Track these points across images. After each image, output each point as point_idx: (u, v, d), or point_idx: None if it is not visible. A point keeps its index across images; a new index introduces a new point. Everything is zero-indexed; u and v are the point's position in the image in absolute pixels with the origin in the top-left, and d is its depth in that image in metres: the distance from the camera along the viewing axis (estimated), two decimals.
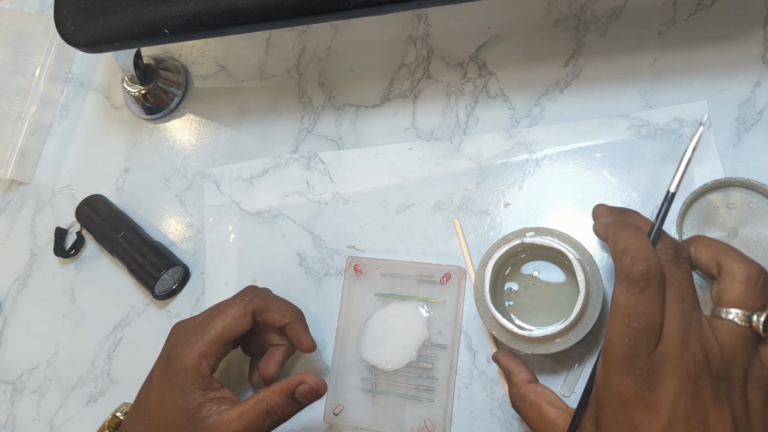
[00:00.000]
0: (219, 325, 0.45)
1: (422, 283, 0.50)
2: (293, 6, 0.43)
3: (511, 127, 0.52)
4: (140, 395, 0.47)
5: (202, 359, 0.44)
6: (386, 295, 0.51)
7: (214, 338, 0.45)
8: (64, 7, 0.48)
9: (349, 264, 0.52)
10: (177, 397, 0.44)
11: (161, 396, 0.45)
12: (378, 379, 0.49)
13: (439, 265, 0.50)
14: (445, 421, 0.48)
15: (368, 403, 0.49)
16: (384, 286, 0.51)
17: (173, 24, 0.45)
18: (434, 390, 0.48)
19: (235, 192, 0.58)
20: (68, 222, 0.62)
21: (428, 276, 0.50)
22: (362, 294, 0.51)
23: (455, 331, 0.49)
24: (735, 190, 0.46)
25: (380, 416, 0.49)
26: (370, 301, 0.51)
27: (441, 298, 0.49)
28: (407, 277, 0.50)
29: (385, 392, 0.49)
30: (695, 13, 0.50)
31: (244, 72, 0.60)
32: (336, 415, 0.49)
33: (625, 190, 0.49)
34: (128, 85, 0.59)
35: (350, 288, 0.51)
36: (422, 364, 0.49)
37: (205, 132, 0.61)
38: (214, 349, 0.45)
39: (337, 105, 0.57)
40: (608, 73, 0.51)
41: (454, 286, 0.49)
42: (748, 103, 0.48)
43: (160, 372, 0.46)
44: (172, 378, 0.44)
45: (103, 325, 0.59)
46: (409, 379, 0.49)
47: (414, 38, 0.56)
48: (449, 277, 0.49)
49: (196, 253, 0.58)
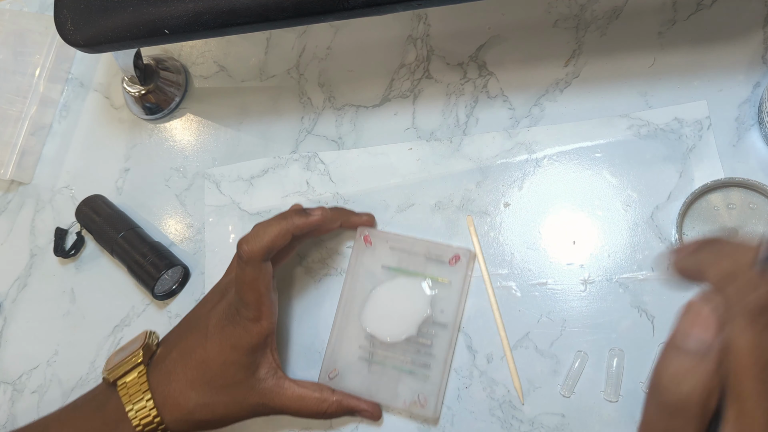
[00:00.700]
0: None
1: (430, 261, 0.50)
2: (293, 6, 0.43)
3: (511, 127, 0.52)
4: (200, 318, 0.48)
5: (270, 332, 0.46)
6: (393, 269, 0.51)
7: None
8: (64, 7, 0.48)
9: (359, 234, 0.52)
10: (237, 351, 0.45)
11: (221, 337, 0.46)
12: (376, 349, 0.50)
13: (450, 246, 0.50)
14: (438, 398, 0.48)
15: (364, 372, 0.50)
16: (392, 260, 0.51)
17: (173, 24, 0.45)
18: (430, 366, 0.48)
19: (235, 192, 0.58)
20: (68, 222, 0.62)
21: (437, 255, 0.50)
22: (370, 265, 0.51)
23: (458, 312, 0.49)
24: (735, 190, 0.46)
25: (374, 385, 0.49)
26: (377, 273, 0.51)
27: (447, 278, 0.49)
28: (416, 254, 0.50)
29: (381, 363, 0.49)
30: (695, 13, 0.50)
31: (244, 72, 0.60)
32: (331, 379, 0.50)
33: (625, 190, 0.49)
34: (128, 86, 0.59)
35: (358, 258, 0.52)
36: (421, 340, 0.49)
37: (205, 132, 0.61)
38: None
39: (337, 105, 0.57)
40: (608, 73, 0.51)
41: (462, 267, 0.49)
42: (748, 103, 0.48)
43: (224, 313, 0.46)
44: (234, 322, 0.45)
45: (103, 325, 0.59)
46: (407, 353, 0.49)
47: (414, 38, 0.56)
48: (458, 258, 0.49)
49: (196, 253, 0.58)
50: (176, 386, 0.46)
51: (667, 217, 0.48)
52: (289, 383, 0.47)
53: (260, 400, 0.46)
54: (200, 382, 0.46)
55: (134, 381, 0.46)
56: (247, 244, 0.44)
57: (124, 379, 0.47)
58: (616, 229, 0.49)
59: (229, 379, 0.45)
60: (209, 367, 0.45)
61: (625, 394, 0.46)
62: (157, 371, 0.47)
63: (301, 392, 0.47)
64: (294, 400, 0.47)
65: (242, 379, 0.46)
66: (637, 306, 0.47)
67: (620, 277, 0.48)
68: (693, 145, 0.48)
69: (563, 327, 0.48)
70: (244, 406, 0.46)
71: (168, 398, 0.46)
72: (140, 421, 0.45)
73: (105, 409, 0.47)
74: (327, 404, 0.47)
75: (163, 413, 0.46)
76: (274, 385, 0.47)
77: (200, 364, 0.46)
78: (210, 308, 0.48)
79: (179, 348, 0.47)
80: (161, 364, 0.47)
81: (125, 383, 0.46)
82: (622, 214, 0.49)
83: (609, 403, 0.46)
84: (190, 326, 0.48)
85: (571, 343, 0.47)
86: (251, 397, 0.46)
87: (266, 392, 0.46)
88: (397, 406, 0.49)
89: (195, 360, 0.46)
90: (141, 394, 0.46)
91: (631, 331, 0.47)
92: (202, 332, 0.47)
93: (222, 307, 0.47)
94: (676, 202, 0.48)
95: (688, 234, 0.47)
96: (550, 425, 0.47)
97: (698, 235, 0.46)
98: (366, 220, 0.52)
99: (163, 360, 0.47)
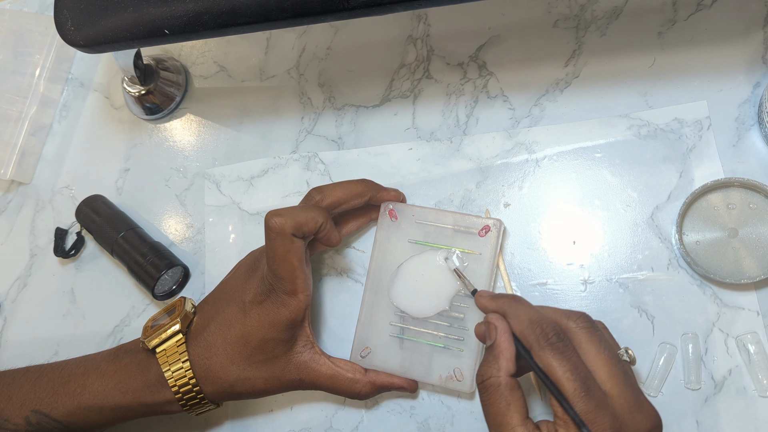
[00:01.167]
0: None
1: (458, 233, 0.49)
2: (293, 6, 0.43)
3: (511, 127, 0.52)
4: (235, 291, 0.48)
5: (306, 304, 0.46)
6: (421, 243, 0.50)
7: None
8: (64, 7, 0.48)
9: (384, 209, 0.51)
10: (275, 328, 0.46)
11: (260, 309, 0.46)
12: (407, 325, 0.49)
13: (479, 217, 0.49)
14: (474, 372, 0.47)
15: (396, 348, 0.49)
16: (418, 234, 0.50)
17: (173, 24, 0.45)
18: (464, 340, 0.48)
19: (235, 192, 0.58)
20: (68, 222, 0.62)
21: (466, 227, 0.49)
22: (396, 240, 0.51)
23: (489, 283, 0.48)
24: (735, 190, 0.46)
25: (407, 361, 0.49)
26: (404, 248, 0.51)
27: (478, 250, 0.49)
28: (444, 227, 0.50)
29: (413, 339, 0.49)
30: (695, 13, 0.50)
31: (244, 72, 0.60)
32: (363, 358, 0.50)
33: (625, 190, 0.49)
34: (128, 86, 0.59)
35: (384, 233, 0.51)
36: (454, 314, 0.48)
37: (205, 132, 0.61)
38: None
39: (337, 105, 0.57)
40: (608, 73, 0.51)
41: (492, 238, 0.49)
42: (748, 103, 0.48)
43: (259, 285, 0.46)
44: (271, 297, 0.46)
45: (103, 325, 0.59)
46: (440, 328, 0.49)
47: (414, 38, 0.56)
48: (488, 229, 0.49)
49: (196, 253, 0.58)
50: (216, 360, 0.46)
51: (667, 217, 0.48)
52: (324, 359, 0.48)
53: (297, 375, 0.47)
54: (240, 358, 0.46)
55: (173, 349, 0.47)
56: (277, 217, 0.43)
57: (164, 346, 0.47)
58: (616, 229, 0.49)
59: (268, 354, 0.46)
60: (249, 342, 0.46)
61: None
62: (196, 343, 0.47)
63: (334, 372, 0.47)
64: (328, 379, 0.47)
65: (281, 353, 0.47)
66: (637, 306, 0.47)
67: (620, 277, 0.48)
68: (693, 145, 0.48)
69: None
70: (282, 381, 0.47)
71: (209, 372, 0.46)
72: (180, 388, 0.46)
73: (147, 372, 0.47)
74: (360, 385, 0.48)
75: (203, 385, 0.47)
76: (309, 360, 0.47)
77: (240, 339, 0.46)
78: (244, 281, 0.48)
79: (217, 321, 0.47)
80: (200, 335, 0.47)
81: (164, 350, 0.47)
82: (622, 214, 0.49)
83: None
84: (226, 298, 0.48)
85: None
86: (289, 373, 0.47)
87: (302, 366, 0.47)
88: (432, 382, 0.48)
89: (234, 335, 0.46)
90: (180, 363, 0.46)
91: (631, 331, 0.47)
92: (239, 306, 0.47)
93: (256, 280, 0.47)
94: (676, 202, 0.48)
95: (688, 234, 0.47)
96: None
97: (698, 235, 0.47)
98: (394, 195, 0.52)
99: (202, 332, 0.47)
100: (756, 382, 0.45)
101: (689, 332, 0.46)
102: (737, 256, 0.46)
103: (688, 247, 0.46)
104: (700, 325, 0.46)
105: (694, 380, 0.45)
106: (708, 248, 0.46)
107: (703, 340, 0.46)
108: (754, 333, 0.45)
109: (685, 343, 0.46)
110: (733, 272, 0.45)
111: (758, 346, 0.45)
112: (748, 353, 0.45)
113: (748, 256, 0.45)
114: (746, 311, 0.46)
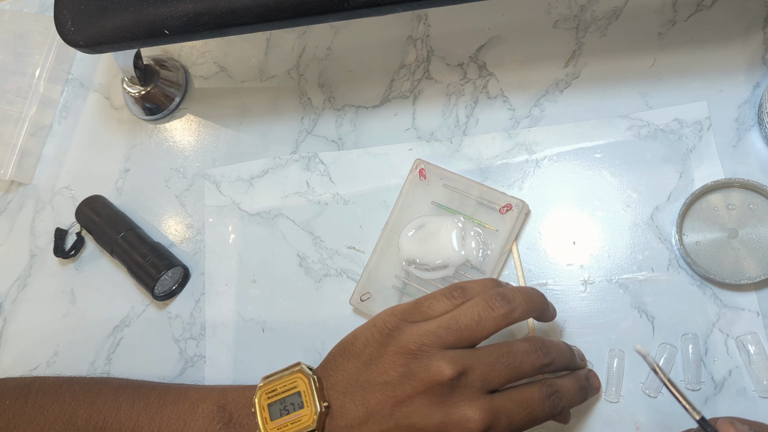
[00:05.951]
0: None
1: (481, 206, 0.50)
2: (293, 6, 0.43)
3: (511, 127, 0.52)
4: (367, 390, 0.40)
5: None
6: (442, 207, 0.51)
7: None
8: (64, 8, 0.48)
9: (415, 166, 0.52)
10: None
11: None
12: (411, 281, 0.50)
13: (504, 194, 0.49)
14: None
15: (394, 300, 0.50)
16: (443, 197, 0.51)
17: (173, 25, 0.45)
18: None
19: (235, 193, 0.58)
20: (68, 223, 0.62)
21: (489, 201, 0.49)
22: (420, 198, 0.51)
23: (498, 262, 0.48)
24: (735, 190, 0.46)
25: None
26: (425, 208, 0.51)
27: (495, 226, 0.49)
28: (468, 196, 0.50)
29: (413, 294, 0.50)
30: (695, 14, 0.50)
31: (244, 73, 0.60)
32: (362, 302, 0.50)
33: (625, 191, 0.49)
34: (128, 86, 0.59)
35: (410, 189, 0.51)
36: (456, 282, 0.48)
37: (205, 133, 0.61)
38: None
39: (337, 105, 0.57)
40: (608, 73, 0.51)
41: (511, 218, 0.49)
42: (748, 103, 0.48)
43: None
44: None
45: (103, 325, 0.59)
46: None
47: (414, 39, 0.56)
48: (510, 208, 0.49)
49: (196, 253, 0.58)
50: None
51: (667, 218, 0.48)
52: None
53: None
54: None
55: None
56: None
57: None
58: (616, 230, 0.49)
59: None
60: None
61: (625, 395, 0.46)
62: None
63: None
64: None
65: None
66: (637, 306, 0.47)
67: (620, 278, 0.48)
68: (693, 145, 0.48)
69: (563, 328, 0.48)
70: None
71: None
72: None
73: None
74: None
75: None
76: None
77: None
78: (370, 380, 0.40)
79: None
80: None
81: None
82: (622, 215, 0.49)
83: (609, 403, 0.46)
84: (366, 405, 0.39)
85: (571, 343, 0.47)
86: None
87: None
88: None
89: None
90: None
91: (631, 331, 0.47)
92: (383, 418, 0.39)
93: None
94: (676, 202, 0.48)
95: (688, 234, 0.47)
96: (551, 425, 0.47)
97: (698, 236, 0.46)
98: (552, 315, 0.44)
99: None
100: (756, 383, 0.44)
101: (689, 333, 0.46)
102: (737, 257, 0.46)
103: (688, 247, 0.46)
104: (700, 325, 0.46)
105: (695, 381, 0.45)
106: (708, 249, 0.46)
107: (703, 340, 0.46)
108: (754, 333, 0.45)
109: (685, 344, 0.46)
110: (733, 273, 0.45)
111: (758, 347, 0.45)
112: (748, 354, 0.45)
113: (748, 257, 0.45)
114: (746, 312, 0.46)
